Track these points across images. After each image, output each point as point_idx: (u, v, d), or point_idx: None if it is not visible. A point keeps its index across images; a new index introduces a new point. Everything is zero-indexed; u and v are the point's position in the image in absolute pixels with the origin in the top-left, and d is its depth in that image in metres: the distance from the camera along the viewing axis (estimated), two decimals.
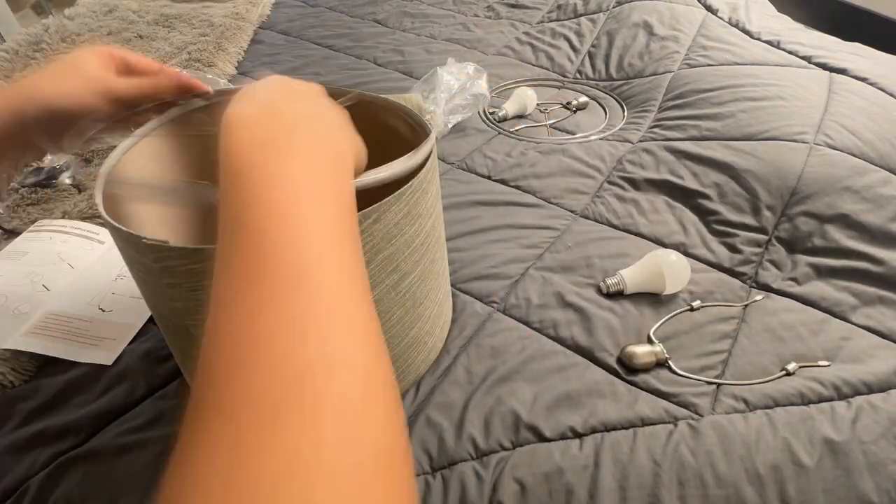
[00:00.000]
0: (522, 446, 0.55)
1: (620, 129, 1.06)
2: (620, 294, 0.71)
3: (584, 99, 1.14)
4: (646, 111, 1.08)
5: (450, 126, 1.05)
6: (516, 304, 0.71)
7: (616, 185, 0.91)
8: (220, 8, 1.59)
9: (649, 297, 0.71)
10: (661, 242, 0.80)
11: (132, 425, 0.59)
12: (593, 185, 0.91)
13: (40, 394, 0.62)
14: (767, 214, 0.81)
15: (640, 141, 1.00)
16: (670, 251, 0.74)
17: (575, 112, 1.12)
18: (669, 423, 0.57)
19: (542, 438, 0.56)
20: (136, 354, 0.65)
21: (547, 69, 1.28)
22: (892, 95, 0.98)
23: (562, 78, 1.24)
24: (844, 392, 0.59)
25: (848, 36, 1.22)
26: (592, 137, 1.03)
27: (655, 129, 1.01)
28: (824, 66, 1.07)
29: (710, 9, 1.33)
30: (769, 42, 1.18)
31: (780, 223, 0.80)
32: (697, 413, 0.58)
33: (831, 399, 0.59)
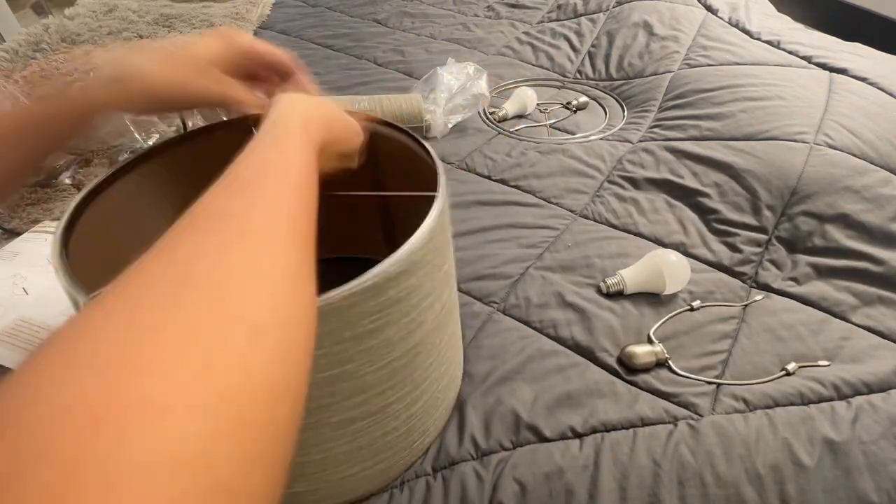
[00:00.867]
0: (523, 446, 0.55)
1: (620, 128, 1.06)
2: (620, 294, 0.71)
3: (584, 99, 1.14)
4: (646, 111, 1.08)
5: (450, 126, 1.05)
6: (516, 304, 0.71)
7: (616, 184, 0.91)
8: (220, 8, 1.59)
9: (649, 297, 0.71)
10: (660, 242, 0.80)
11: None
12: (593, 185, 0.91)
13: None
14: (768, 214, 0.81)
15: (640, 141, 1.00)
16: (670, 251, 0.74)
17: (575, 112, 1.12)
18: (669, 423, 0.57)
19: (543, 438, 0.56)
20: None
21: (547, 69, 1.28)
22: (892, 95, 0.98)
23: (562, 78, 1.24)
24: (844, 392, 0.59)
25: (848, 36, 1.22)
26: (592, 137, 1.03)
27: (655, 129, 1.01)
28: (824, 66, 1.07)
29: (710, 9, 1.33)
30: (769, 42, 1.18)
31: (780, 223, 0.80)
32: (697, 413, 0.58)
33: (831, 399, 0.59)
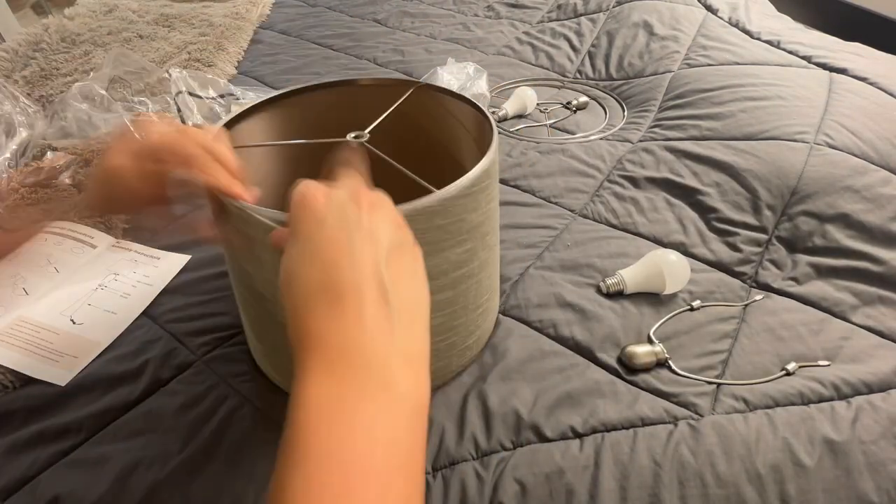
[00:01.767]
0: (523, 446, 0.55)
1: (620, 128, 1.06)
2: (620, 294, 0.71)
3: (584, 99, 1.14)
4: (646, 111, 1.08)
5: None
6: (516, 304, 0.71)
7: (616, 183, 0.91)
8: (219, 7, 1.59)
9: (649, 297, 0.71)
10: (660, 242, 0.80)
11: (133, 426, 0.59)
12: (593, 185, 0.91)
13: (41, 394, 0.62)
14: (768, 214, 0.81)
15: (640, 141, 1.00)
16: (670, 251, 0.74)
17: (575, 112, 1.12)
18: (669, 423, 0.57)
19: (543, 438, 0.56)
20: (135, 356, 0.65)
21: (547, 69, 1.28)
22: (892, 95, 0.98)
23: (562, 78, 1.24)
24: (844, 392, 0.59)
25: (848, 35, 1.22)
26: (592, 137, 1.03)
27: (655, 129, 1.01)
28: (824, 66, 1.07)
29: (710, 8, 1.33)
30: (769, 42, 1.18)
31: (780, 222, 0.80)
32: (697, 413, 0.58)
33: (831, 399, 0.59)
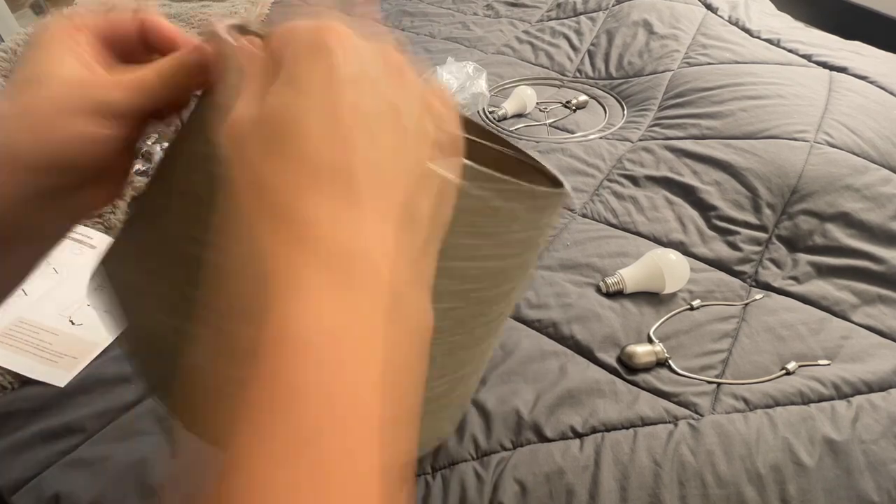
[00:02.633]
0: (523, 446, 0.55)
1: (620, 127, 1.05)
2: (620, 293, 0.71)
3: (583, 98, 1.14)
4: (646, 110, 1.08)
5: None
6: (516, 303, 0.70)
7: (615, 181, 0.90)
8: (218, 7, 1.58)
9: (649, 297, 0.71)
10: (660, 241, 0.80)
11: (133, 426, 0.59)
12: (593, 184, 0.91)
13: (40, 395, 0.62)
14: (768, 212, 0.81)
15: (640, 140, 1.00)
16: (669, 250, 0.73)
17: (574, 111, 1.12)
18: (670, 422, 0.57)
19: (543, 438, 0.56)
20: None
21: (546, 68, 1.27)
22: (892, 94, 0.98)
23: (561, 77, 1.24)
24: (844, 391, 0.59)
25: (848, 34, 1.21)
26: (592, 136, 1.03)
27: (655, 128, 1.01)
28: (824, 65, 1.07)
29: (709, 7, 1.33)
30: (769, 40, 1.17)
31: (780, 221, 0.80)
32: (698, 413, 0.58)
33: (831, 398, 0.59)
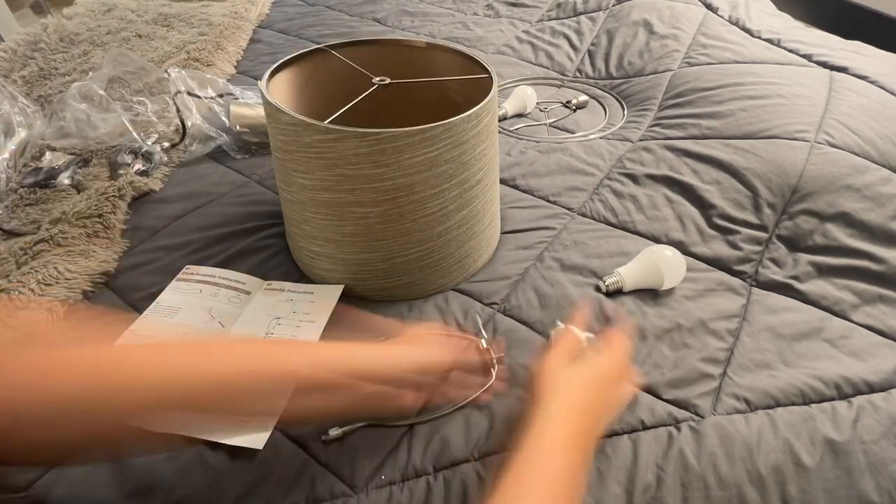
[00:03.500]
0: None
1: (620, 127, 1.05)
2: (619, 292, 0.71)
3: (583, 97, 1.14)
4: (646, 110, 1.08)
5: None
6: (517, 304, 0.70)
7: (615, 180, 0.90)
8: (218, 7, 1.58)
9: (649, 294, 0.71)
10: (659, 240, 0.79)
11: None
12: (592, 183, 0.91)
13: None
14: (768, 212, 0.81)
15: (640, 140, 1.00)
16: (665, 246, 0.73)
17: (574, 111, 1.12)
18: (671, 425, 0.57)
19: None
20: None
21: (547, 68, 1.27)
22: (892, 93, 0.98)
23: (561, 76, 1.24)
24: (845, 391, 0.59)
25: (848, 34, 1.21)
26: (592, 136, 1.03)
27: (655, 128, 1.01)
28: (825, 65, 1.07)
29: (710, 7, 1.33)
30: (769, 40, 1.17)
31: (780, 221, 0.80)
32: (699, 414, 0.58)
33: (832, 398, 0.59)
